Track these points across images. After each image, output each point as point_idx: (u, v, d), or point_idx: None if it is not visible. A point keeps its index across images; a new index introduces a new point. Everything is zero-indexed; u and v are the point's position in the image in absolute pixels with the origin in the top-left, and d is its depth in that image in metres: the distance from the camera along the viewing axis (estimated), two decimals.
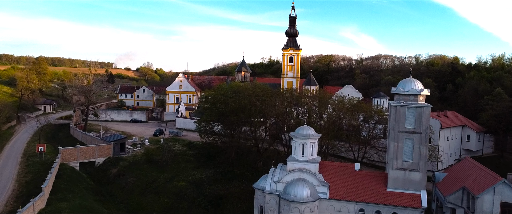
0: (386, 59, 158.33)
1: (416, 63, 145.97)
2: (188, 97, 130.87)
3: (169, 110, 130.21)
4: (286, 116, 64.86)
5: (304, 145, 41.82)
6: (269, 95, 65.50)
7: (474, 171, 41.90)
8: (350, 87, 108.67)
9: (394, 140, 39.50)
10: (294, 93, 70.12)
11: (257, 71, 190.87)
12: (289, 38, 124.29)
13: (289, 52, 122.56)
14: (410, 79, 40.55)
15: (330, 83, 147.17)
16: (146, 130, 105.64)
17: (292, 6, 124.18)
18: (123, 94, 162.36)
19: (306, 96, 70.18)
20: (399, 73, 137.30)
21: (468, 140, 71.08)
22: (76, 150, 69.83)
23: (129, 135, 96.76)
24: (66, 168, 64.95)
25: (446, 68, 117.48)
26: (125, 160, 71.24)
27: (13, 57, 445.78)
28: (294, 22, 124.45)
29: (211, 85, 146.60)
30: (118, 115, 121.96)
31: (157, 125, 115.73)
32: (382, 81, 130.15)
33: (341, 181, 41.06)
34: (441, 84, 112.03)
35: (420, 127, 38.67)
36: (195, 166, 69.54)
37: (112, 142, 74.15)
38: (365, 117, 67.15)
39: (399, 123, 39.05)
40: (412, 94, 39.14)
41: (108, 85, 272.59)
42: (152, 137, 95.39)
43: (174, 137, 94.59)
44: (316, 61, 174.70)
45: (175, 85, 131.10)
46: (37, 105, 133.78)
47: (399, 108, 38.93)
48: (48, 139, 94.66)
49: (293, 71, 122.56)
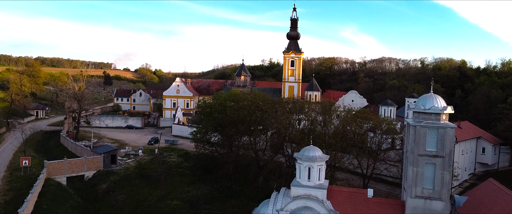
0: (390, 62, 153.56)
1: (421, 67, 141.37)
2: (186, 102, 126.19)
3: (166, 115, 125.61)
4: (288, 126, 60.02)
5: (310, 168, 37.10)
6: (270, 105, 60.67)
7: (501, 197, 37.07)
8: (355, 93, 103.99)
9: (413, 164, 34.81)
10: (297, 104, 64.91)
11: (257, 74, 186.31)
12: (291, 41, 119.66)
13: (290, 56, 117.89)
14: (430, 96, 35.82)
15: (332, 87, 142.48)
16: (141, 138, 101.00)
17: (294, 8, 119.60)
18: (119, 98, 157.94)
19: (309, 105, 64.86)
20: (404, 77, 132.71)
21: (483, 152, 66.42)
22: (63, 163, 65.10)
23: (122, 144, 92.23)
24: (51, 184, 60.20)
25: (454, 73, 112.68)
26: (116, 174, 66.53)
27: (11, 58, 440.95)
28: (296, 24, 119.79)
29: (209, 89, 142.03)
30: (113, 121, 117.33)
31: (153, 132, 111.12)
32: (387, 86, 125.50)
33: (352, 210, 36.37)
34: (449, 89, 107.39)
35: (443, 150, 33.99)
36: (190, 180, 64.79)
37: (102, 154, 69.40)
38: (371, 127, 62.36)
39: (419, 146, 34.36)
40: (434, 113, 34.43)
41: (105, 88, 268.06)
42: (147, 145, 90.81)
43: (170, 146, 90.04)
44: (318, 64, 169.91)
45: (172, 89, 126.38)
46: (28, 110, 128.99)
47: (419, 128, 34.23)
48: (37, 148, 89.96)
49: (294, 75, 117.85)
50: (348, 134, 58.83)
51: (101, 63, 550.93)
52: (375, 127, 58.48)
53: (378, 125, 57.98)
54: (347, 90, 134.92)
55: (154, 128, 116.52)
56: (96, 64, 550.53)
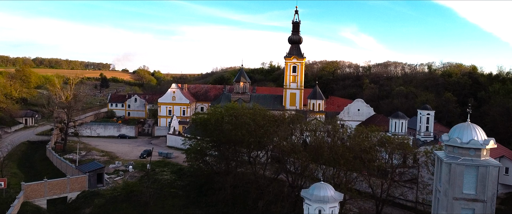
0: (395, 67, 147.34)
1: (429, 72, 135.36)
2: (182, 110, 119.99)
3: (161, 124, 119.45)
4: (292, 148, 53.82)
5: (321, 211, 30.96)
6: (272, 125, 54.40)
7: None
8: (361, 101, 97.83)
9: (446, 209, 28.70)
10: (302, 123, 58.25)
11: (257, 78, 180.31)
12: (292, 46, 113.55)
13: (292, 61, 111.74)
14: (467, 126, 29.68)
15: (336, 93, 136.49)
16: (133, 149, 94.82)
17: (296, 11, 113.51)
18: (114, 104, 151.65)
19: (316, 126, 58.19)
20: (411, 83, 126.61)
21: (507, 173, 60.25)
22: (43, 185, 58.88)
23: (112, 157, 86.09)
24: (28, 210, 54.15)
25: (466, 80, 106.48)
26: (102, 197, 60.23)
27: (9, 59, 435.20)
28: (298, 28, 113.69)
29: (207, 95, 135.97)
30: (105, 130, 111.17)
31: (146, 142, 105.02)
32: (393, 92, 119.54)
33: None
34: (460, 98, 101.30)
35: (484, 193, 27.91)
36: (184, 203, 58.73)
37: (88, 173, 63.21)
38: (380, 140, 56.08)
39: (454, 187, 28.25)
40: (473, 148, 28.30)
41: (101, 90, 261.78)
42: (139, 159, 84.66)
43: (164, 160, 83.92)
44: (321, 68, 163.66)
45: (168, 96, 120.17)
46: (17, 118, 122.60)
47: (454, 167, 28.10)
48: (21, 162, 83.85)
49: (296, 81, 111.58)
50: (355, 148, 52.45)
51: (100, 64, 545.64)
52: (387, 142, 52.15)
53: (395, 148, 51.53)
54: (351, 97, 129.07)
55: (148, 137, 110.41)
56: (94, 65, 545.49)
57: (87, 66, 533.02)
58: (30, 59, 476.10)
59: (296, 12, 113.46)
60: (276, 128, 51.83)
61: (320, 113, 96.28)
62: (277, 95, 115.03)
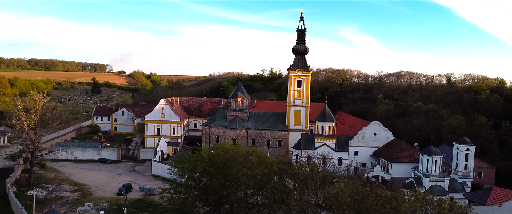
0: (410, 78, 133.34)
1: (448, 85, 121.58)
2: (172, 128, 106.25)
3: (148, 144, 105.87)
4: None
5: None
6: (278, 183, 40.59)
7: None
8: (378, 124, 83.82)
9: None
10: (318, 188, 43.34)
11: (257, 88, 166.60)
12: (297, 57, 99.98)
13: (296, 75, 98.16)
14: None
15: (345, 108, 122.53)
16: (111, 180, 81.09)
17: (301, 17, 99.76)
18: (99, 117, 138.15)
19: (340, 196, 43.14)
20: (430, 98, 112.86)
21: None
22: None
23: (84, 193, 72.30)
24: None
25: (497, 98, 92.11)
26: None
27: (3, 60, 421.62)
28: (303, 36, 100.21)
29: (201, 109, 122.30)
30: (83, 153, 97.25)
31: (129, 168, 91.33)
32: (410, 109, 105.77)
33: None
34: (492, 119, 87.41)
35: None
36: None
37: None
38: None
39: None
40: None
41: (92, 97, 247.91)
42: (116, 196, 70.83)
43: (144, 198, 70.21)
44: (327, 79, 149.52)
45: (156, 113, 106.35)
46: None
47: None
48: None
49: (301, 98, 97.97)
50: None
51: (97, 65, 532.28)
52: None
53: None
54: (362, 114, 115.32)
55: (132, 162, 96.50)
56: (91, 65, 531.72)
57: (84, 67, 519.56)
58: (25, 60, 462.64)
59: (301, 18, 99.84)
60: (284, 196, 37.91)
61: (330, 137, 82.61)
62: (279, 113, 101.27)
